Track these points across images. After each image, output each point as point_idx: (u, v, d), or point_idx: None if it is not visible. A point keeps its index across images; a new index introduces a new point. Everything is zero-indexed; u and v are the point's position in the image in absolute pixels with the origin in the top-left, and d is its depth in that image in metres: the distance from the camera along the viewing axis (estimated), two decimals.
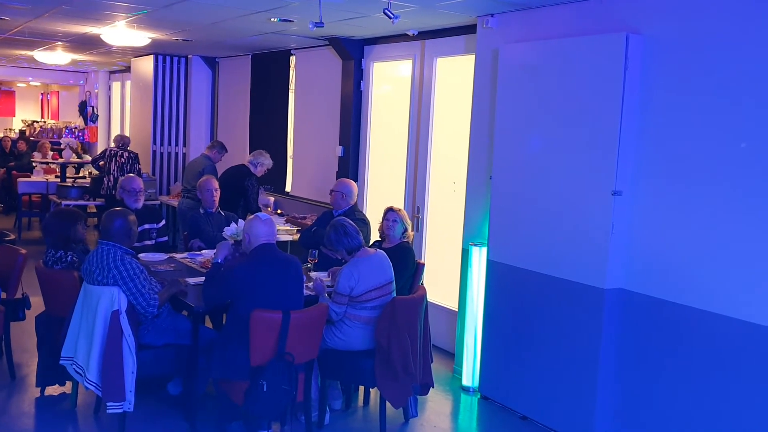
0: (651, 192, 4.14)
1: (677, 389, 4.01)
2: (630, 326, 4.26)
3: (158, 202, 9.37)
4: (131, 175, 5.84)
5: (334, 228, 4.42)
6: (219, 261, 4.33)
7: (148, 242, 5.61)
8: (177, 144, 10.61)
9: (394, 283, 4.48)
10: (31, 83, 16.54)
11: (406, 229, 4.97)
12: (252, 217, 4.25)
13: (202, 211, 5.99)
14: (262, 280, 3.96)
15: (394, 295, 4.45)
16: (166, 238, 5.85)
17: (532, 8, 4.90)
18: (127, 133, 10.47)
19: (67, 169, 11.42)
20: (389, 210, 5.01)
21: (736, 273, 3.72)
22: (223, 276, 4.05)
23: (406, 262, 4.82)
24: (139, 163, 9.33)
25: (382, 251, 4.53)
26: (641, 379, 4.20)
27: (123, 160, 9.13)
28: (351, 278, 4.26)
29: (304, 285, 4.40)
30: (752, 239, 3.65)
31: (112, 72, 14.08)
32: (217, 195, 5.96)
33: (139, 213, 5.30)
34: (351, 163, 7.24)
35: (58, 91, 18.10)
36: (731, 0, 3.76)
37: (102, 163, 9.36)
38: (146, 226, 5.56)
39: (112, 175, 9.02)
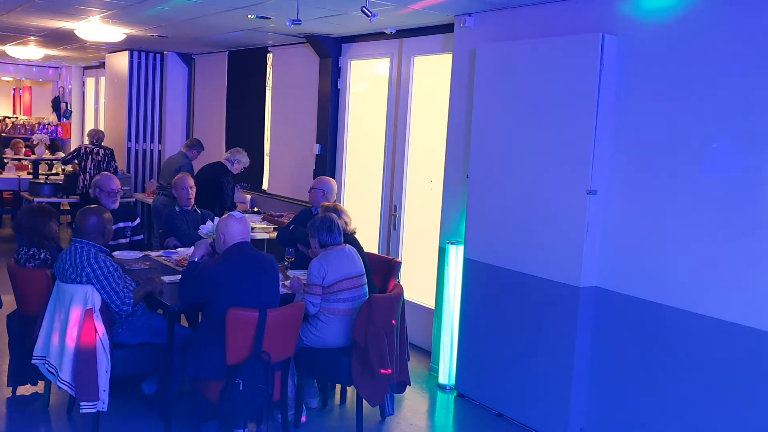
0: (626, 191, 4.19)
1: (651, 387, 4.06)
2: (604, 324, 4.31)
3: (133, 199, 9.28)
4: (108, 173, 5.72)
5: (322, 218, 4.46)
6: (195, 259, 4.30)
7: (123, 241, 5.55)
8: (152, 141, 10.51)
9: (366, 277, 4.50)
10: (2, 78, 16.29)
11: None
12: (226, 215, 4.22)
13: (177, 208, 5.94)
14: (238, 279, 3.94)
15: (367, 290, 4.48)
16: (141, 237, 5.79)
17: (509, 8, 4.93)
18: (101, 130, 10.33)
19: (40, 166, 11.26)
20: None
21: (709, 272, 3.78)
22: (198, 275, 4.03)
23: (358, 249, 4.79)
24: (115, 160, 9.21)
25: (351, 247, 4.55)
26: (615, 377, 4.25)
27: (99, 157, 8.99)
28: (321, 268, 4.30)
29: (281, 283, 4.40)
30: (725, 238, 3.71)
31: (86, 67, 13.90)
32: (192, 192, 5.92)
33: (114, 211, 5.24)
34: (328, 161, 7.22)
35: (30, 87, 17.83)
36: (705, 1, 3.81)
37: (75, 162, 9.22)
38: (121, 224, 5.50)
39: (88, 173, 8.87)
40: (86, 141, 9.44)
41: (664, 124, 3.99)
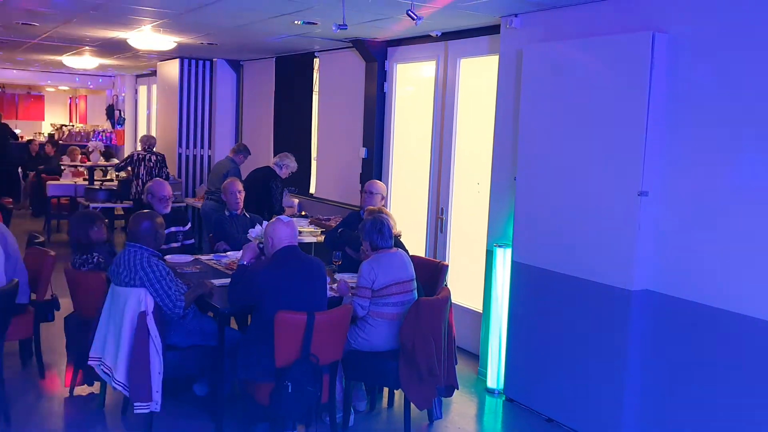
0: (678, 192, 4.09)
1: (704, 392, 3.95)
2: (657, 328, 4.21)
3: (184, 204, 9.46)
4: (160, 180, 5.85)
5: (373, 220, 4.48)
6: (244, 263, 4.36)
7: (175, 245, 5.65)
8: (202, 146, 10.71)
9: (416, 282, 4.49)
10: (59, 87, 16.80)
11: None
12: (273, 220, 4.27)
13: (227, 213, 6.03)
14: (287, 282, 3.97)
15: (416, 294, 4.46)
16: (192, 241, 5.89)
17: (557, 8, 4.87)
18: (153, 136, 10.57)
19: (95, 172, 11.58)
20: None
21: (765, 274, 3.66)
22: (247, 278, 4.08)
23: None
24: (166, 166, 9.41)
25: (402, 251, 4.55)
26: (668, 382, 4.15)
27: (151, 164, 9.20)
28: (371, 271, 4.30)
29: (329, 286, 4.42)
30: None
31: (138, 76, 14.24)
32: (241, 197, 6.00)
33: (166, 216, 5.35)
34: (375, 165, 7.24)
35: (86, 95, 18.35)
36: None
37: (129, 169, 9.45)
38: (173, 228, 5.60)
39: (140, 179, 9.08)
40: (138, 147, 9.67)
41: (717, 123, 3.88)
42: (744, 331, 3.76)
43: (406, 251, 4.88)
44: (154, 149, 9.52)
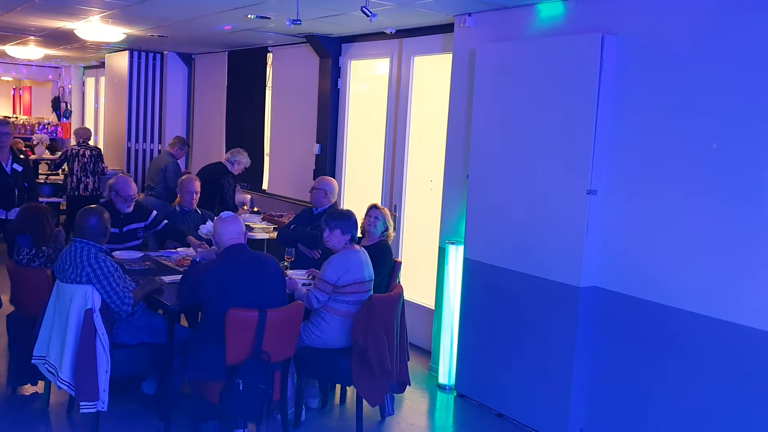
0: (626, 191, 4.19)
1: (650, 387, 4.06)
2: (604, 324, 4.31)
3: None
4: (124, 177, 5.56)
5: (349, 213, 4.48)
6: (198, 259, 4.31)
7: (136, 242, 5.51)
8: (152, 141, 10.51)
9: (373, 282, 4.50)
10: (2, 78, 16.29)
11: (387, 228, 4.97)
12: (215, 219, 4.23)
13: (178, 209, 5.95)
14: (234, 282, 3.89)
15: (372, 293, 4.47)
16: (165, 222, 5.67)
17: (509, 8, 4.93)
18: (101, 130, 10.31)
19: (40, 166, 11.24)
20: (373, 207, 5.03)
21: (710, 271, 3.78)
22: (194, 278, 4.02)
23: (383, 259, 4.82)
24: (102, 161, 9.05)
25: (364, 249, 4.55)
26: (615, 377, 4.25)
27: (86, 159, 8.81)
28: (340, 267, 4.28)
29: None
30: (726, 238, 3.71)
31: (86, 67, 13.90)
32: (196, 197, 5.92)
33: (128, 213, 5.34)
34: (328, 161, 7.22)
35: (30, 87, 17.81)
36: (705, 2, 3.81)
37: (65, 166, 9.12)
38: (133, 225, 5.46)
39: (75, 176, 8.76)
40: (72, 141, 9.32)
41: (664, 123, 3.99)
42: (689, 328, 3.87)
43: (390, 253, 4.90)
44: (89, 142, 9.18)
